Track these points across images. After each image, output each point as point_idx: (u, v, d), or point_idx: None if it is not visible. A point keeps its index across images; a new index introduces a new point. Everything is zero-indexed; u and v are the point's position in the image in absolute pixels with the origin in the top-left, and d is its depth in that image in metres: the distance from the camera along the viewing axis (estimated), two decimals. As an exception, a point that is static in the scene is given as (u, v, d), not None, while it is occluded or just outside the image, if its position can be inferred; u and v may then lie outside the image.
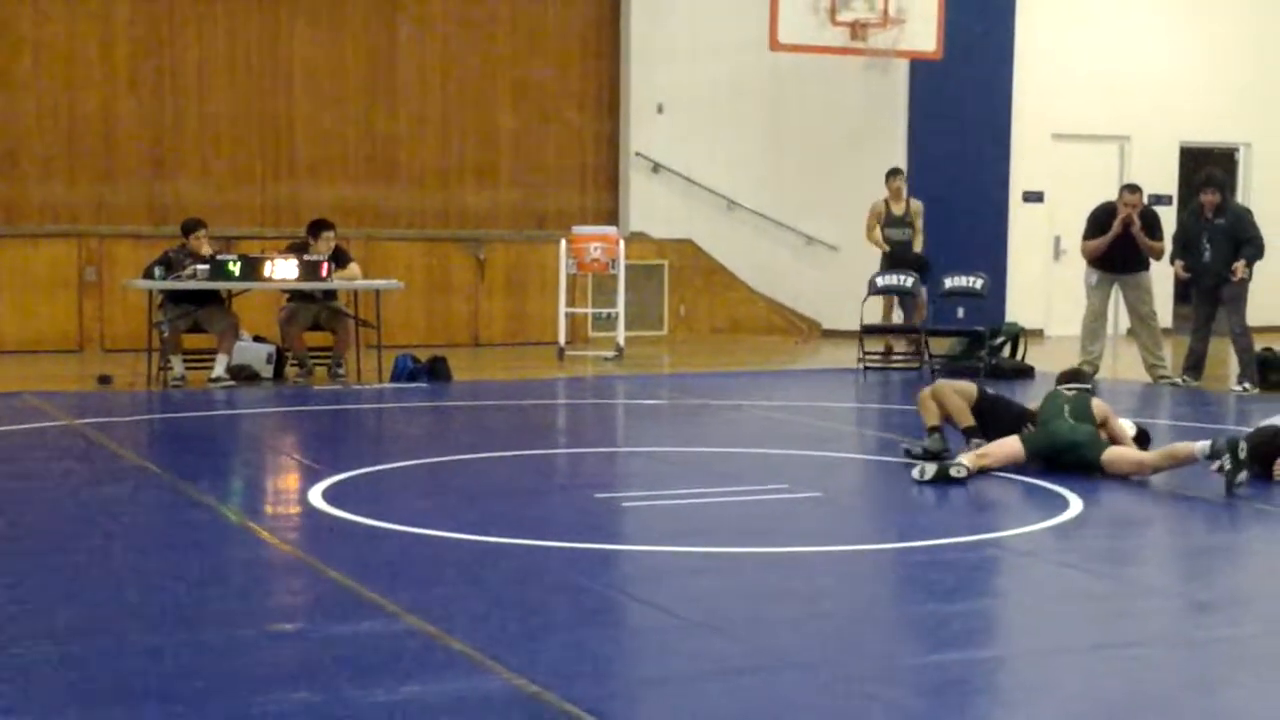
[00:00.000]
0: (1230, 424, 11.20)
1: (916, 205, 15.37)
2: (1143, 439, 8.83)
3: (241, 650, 4.90)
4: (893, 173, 15.42)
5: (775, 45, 16.69)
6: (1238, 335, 12.99)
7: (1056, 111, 18.81)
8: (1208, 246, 13.01)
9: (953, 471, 7.95)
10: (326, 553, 6.25)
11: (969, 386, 8.97)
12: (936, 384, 9.10)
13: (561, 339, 15.23)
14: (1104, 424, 8.52)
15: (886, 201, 15.24)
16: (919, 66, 17.86)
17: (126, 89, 16.67)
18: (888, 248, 15.06)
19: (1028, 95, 18.55)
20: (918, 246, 15.18)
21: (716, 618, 5.36)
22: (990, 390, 9.15)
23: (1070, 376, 8.96)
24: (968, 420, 8.66)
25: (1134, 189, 13.85)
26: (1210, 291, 13.15)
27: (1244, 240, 12.93)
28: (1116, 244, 13.57)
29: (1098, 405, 8.62)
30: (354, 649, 4.89)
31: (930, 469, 7.96)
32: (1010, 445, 8.33)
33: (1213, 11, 19.67)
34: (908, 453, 8.60)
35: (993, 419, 8.69)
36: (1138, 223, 13.33)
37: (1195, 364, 13.26)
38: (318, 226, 13.13)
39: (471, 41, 17.89)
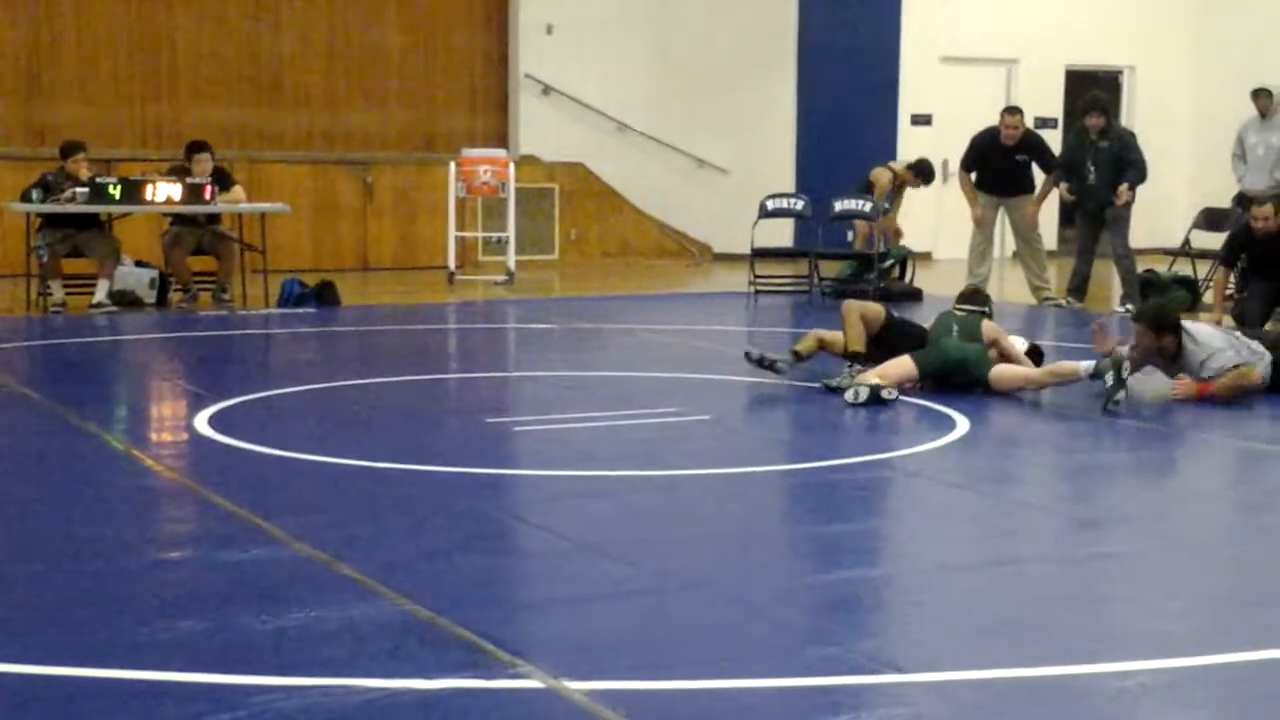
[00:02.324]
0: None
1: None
2: (1035, 354, 8.98)
3: (129, 579, 4.85)
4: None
5: (665, -34, 16.57)
6: (1121, 257, 13.18)
7: (945, 35, 18.89)
8: (1092, 169, 13.14)
9: (884, 394, 8.09)
10: (213, 480, 6.18)
11: (877, 311, 9.01)
12: (845, 304, 9.15)
13: (451, 263, 15.11)
14: (994, 344, 8.65)
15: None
16: (809, -11, 17.85)
17: (1, 7, 16.17)
18: None
19: (916, 19, 18.60)
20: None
21: (607, 541, 5.37)
22: (896, 313, 9.23)
23: (966, 297, 9.07)
24: (858, 346, 8.72)
25: (1014, 110, 13.98)
26: (1094, 214, 13.31)
27: (1127, 163, 13.08)
28: (1001, 167, 13.70)
29: (988, 326, 8.74)
30: (243, 576, 4.85)
31: (864, 391, 8.06)
32: (903, 364, 8.45)
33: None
34: (826, 387, 8.57)
35: (900, 340, 8.79)
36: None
37: (1079, 285, 13.45)
38: (193, 148, 12.91)
39: (358, -40, 17.56)
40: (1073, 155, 13.38)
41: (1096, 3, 19.76)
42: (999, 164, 13.64)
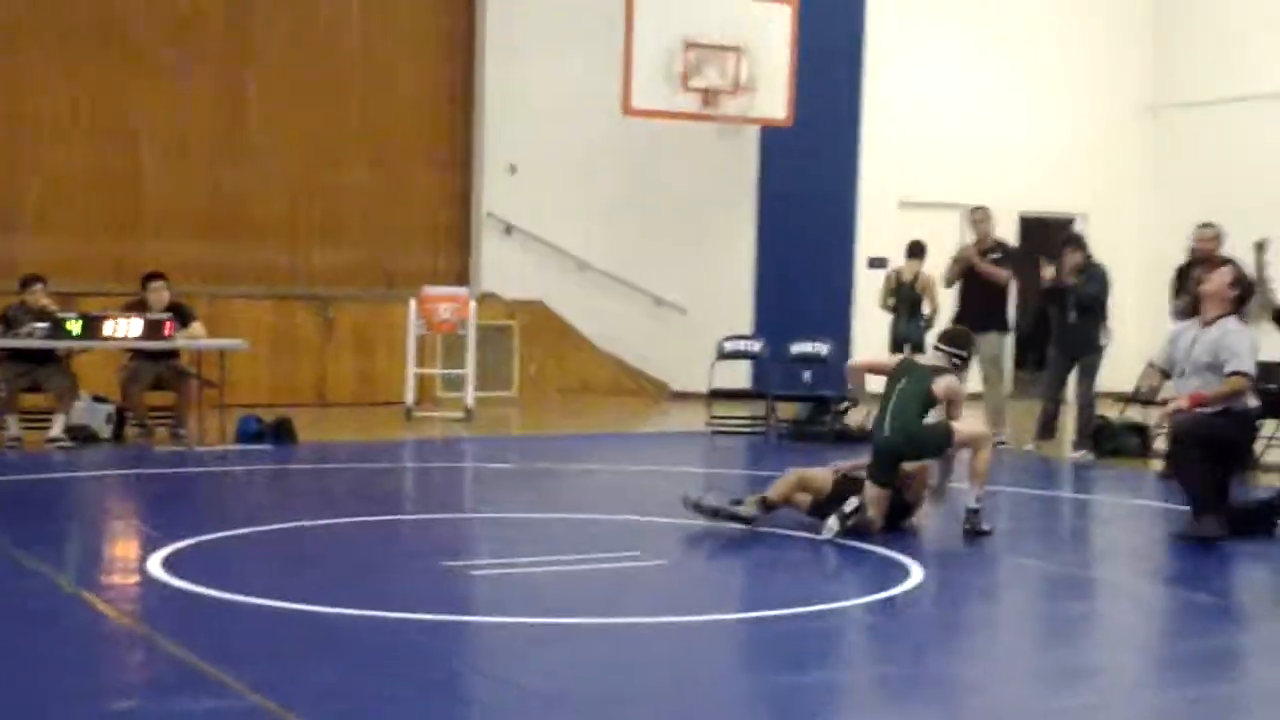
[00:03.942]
0: (1075, 492, 11.51)
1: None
2: None
3: (76, 731, 4.79)
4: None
5: (629, 110, 16.84)
6: (1084, 405, 13.20)
7: (901, 179, 19.21)
8: (1073, 310, 13.21)
9: (846, 509, 8.30)
10: (166, 625, 6.13)
11: (823, 483, 8.82)
12: (792, 475, 8.91)
13: (409, 399, 15.12)
14: (950, 403, 8.62)
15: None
16: (770, 133, 18.13)
17: (-36, 143, 16.28)
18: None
19: (874, 163, 18.92)
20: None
21: (561, 691, 5.35)
22: (844, 468, 9.04)
23: (947, 338, 9.05)
24: (773, 498, 8.75)
25: (979, 209, 14.13)
26: (1068, 354, 13.28)
27: (1093, 308, 13.10)
28: (966, 301, 13.77)
29: (942, 386, 8.62)
30: (194, 728, 4.81)
31: (834, 524, 8.20)
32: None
33: (1047, 86, 20.29)
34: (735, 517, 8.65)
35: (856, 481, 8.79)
36: (979, 263, 13.61)
37: (1048, 426, 13.37)
38: (148, 278, 12.98)
39: (322, 97, 17.77)
40: (1051, 292, 13.37)
41: (1049, 149, 20.17)
42: (966, 297, 13.74)
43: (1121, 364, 18.04)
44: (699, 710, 5.29)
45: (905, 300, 14.51)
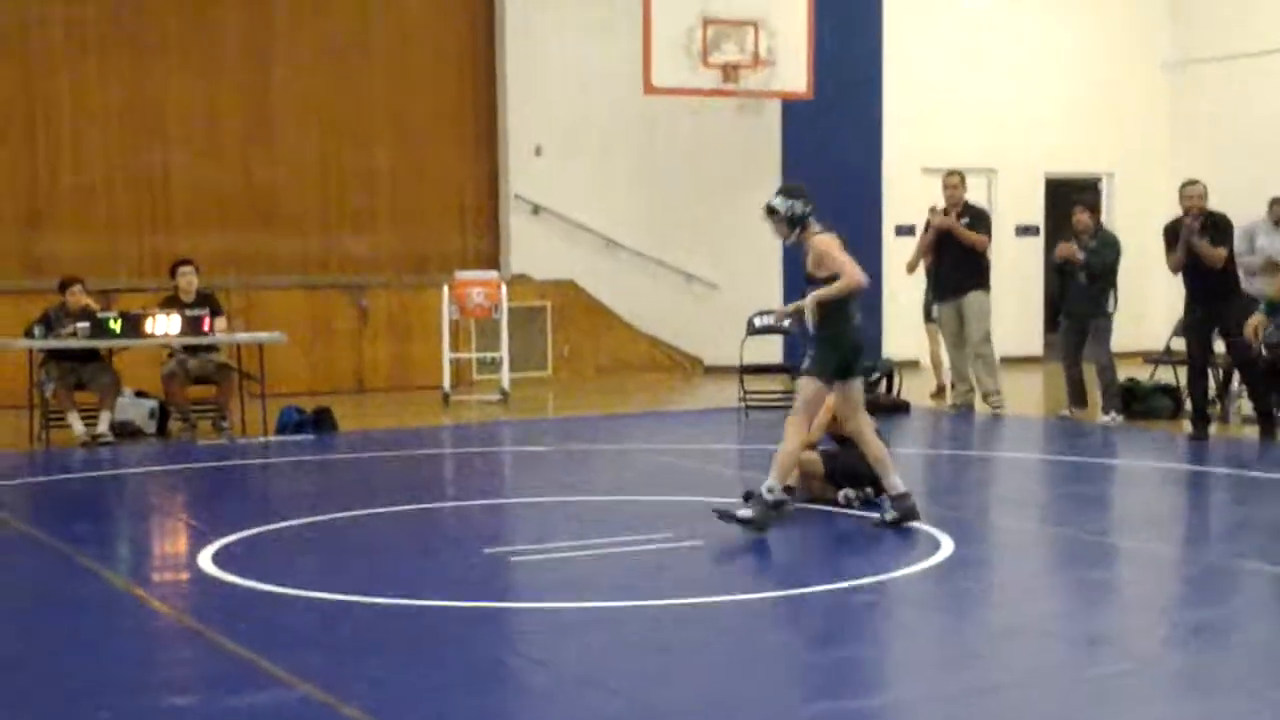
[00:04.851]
0: (1100, 457, 11.62)
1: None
2: None
3: (137, 727, 4.99)
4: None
5: (649, 89, 16.95)
6: (1103, 368, 13.30)
7: (926, 146, 19.27)
8: (1082, 272, 13.30)
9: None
10: (218, 620, 6.34)
11: (815, 467, 9.01)
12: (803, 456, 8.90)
13: (446, 384, 15.32)
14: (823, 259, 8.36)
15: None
16: (791, 107, 18.22)
17: (-1, 143, 16.54)
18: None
19: (897, 130, 18.98)
20: None
21: (601, 674, 5.54)
22: (830, 453, 9.17)
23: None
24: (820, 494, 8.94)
25: (954, 173, 14.15)
26: (1080, 318, 13.40)
27: (1103, 275, 13.24)
28: (946, 267, 13.83)
29: (820, 241, 8.42)
30: (250, 722, 5.00)
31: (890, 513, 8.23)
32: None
33: (1071, 47, 20.29)
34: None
35: (848, 461, 8.92)
36: (955, 225, 13.63)
37: (1078, 393, 13.48)
38: (176, 265, 13.26)
39: (347, 85, 17.95)
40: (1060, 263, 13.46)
41: (1074, 111, 20.18)
42: (941, 260, 13.78)
43: (1151, 325, 18.14)
44: (733, 688, 5.46)
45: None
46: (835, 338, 8.32)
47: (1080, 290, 13.28)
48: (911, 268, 14.49)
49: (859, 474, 8.79)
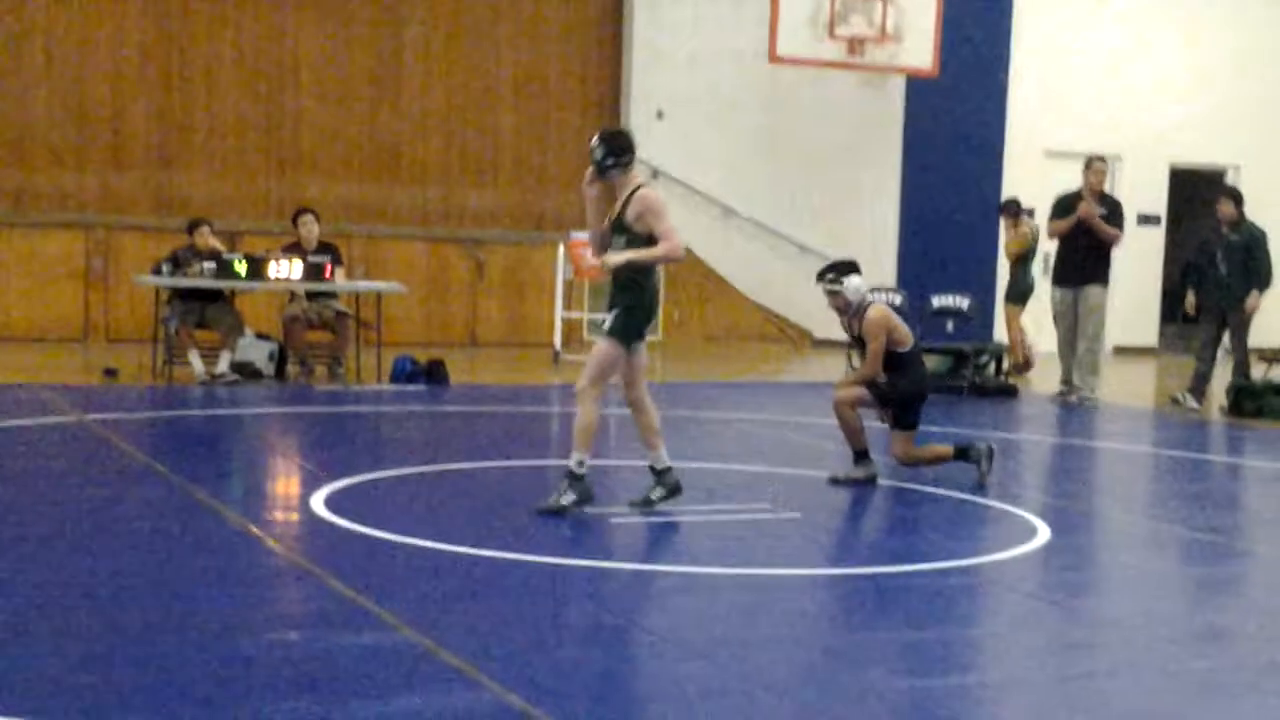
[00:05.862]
0: (1204, 453, 11.52)
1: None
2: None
3: (244, 659, 5.19)
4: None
5: (774, 58, 16.99)
6: (1239, 361, 13.17)
7: (1049, 129, 19.11)
8: (1223, 263, 13.12)
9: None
10: (328, 562, 6.55)
11: (860, 395, 9.15)
12: (838, 399, 9.18)
13: (557, 343, 15.51)
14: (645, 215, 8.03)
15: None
16: (915, 83, 18.16)
17: (136, 83, 16.96)
18: None
19: (1021, 114, 18.86)
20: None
21: (695, 639, 5.67)
22: (879, 386, 9.27)
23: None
24: (860, 444, 9.02)
25: (1100, 159, 13.94)
26: (1219, 310, 13.26)
27: (1253, 268, 13.04)
28: (1072, 255, 13.69)
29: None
30: (352, 660, 5.19)
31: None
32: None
33: (1202, 35, 20.00)
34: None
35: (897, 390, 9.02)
36: (1095, 213, 13.40)
37: (1201, 386, 13.35)
38: (298, 213, 13.56)
39: (476, 42, 18.18)
40: (1201, 249, 13.30)
41: (1202, 100, 19.90)
42: (1071, 250, 13.65)
43: (1274, 320, 17.85)
44: (825, 660, 5.57)
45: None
46: (640, 301, 8.15)
47: (1220, 280, 13.12)
48: (1054, 234, 14.27)
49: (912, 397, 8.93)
